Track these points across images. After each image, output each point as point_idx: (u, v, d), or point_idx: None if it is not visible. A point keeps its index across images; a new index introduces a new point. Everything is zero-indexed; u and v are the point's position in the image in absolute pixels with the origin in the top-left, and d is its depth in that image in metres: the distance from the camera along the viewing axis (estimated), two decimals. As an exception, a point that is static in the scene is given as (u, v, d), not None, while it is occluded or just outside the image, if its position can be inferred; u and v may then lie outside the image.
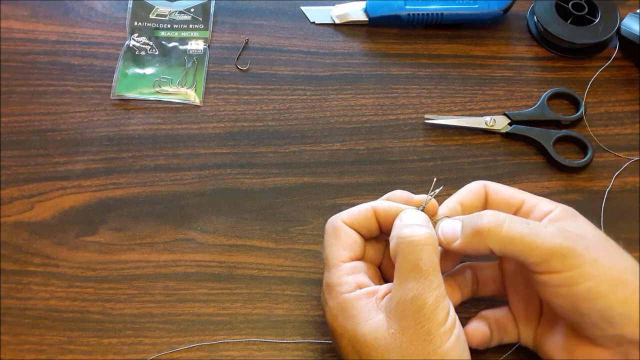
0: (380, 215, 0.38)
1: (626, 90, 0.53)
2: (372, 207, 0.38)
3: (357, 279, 0.36)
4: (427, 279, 0.33)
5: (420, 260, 0.33)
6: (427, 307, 0.32)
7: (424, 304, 0.32)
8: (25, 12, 0.55)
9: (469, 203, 0.39)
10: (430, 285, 0.33)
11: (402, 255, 0.34)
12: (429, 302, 0.32)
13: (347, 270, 0.36)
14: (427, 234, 0.35)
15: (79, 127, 0.50)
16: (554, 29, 0.53)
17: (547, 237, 0.33)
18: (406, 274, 0.33)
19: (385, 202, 0.38)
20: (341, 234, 0.37)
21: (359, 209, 0.38)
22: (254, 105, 0.52)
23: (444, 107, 0.52)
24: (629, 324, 0.32)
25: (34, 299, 0.43)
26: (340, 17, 0.56)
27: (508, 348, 0.41)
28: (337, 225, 0.38)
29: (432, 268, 0.33)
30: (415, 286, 0.33)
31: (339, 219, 0.38)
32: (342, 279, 0.36)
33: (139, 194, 0.47)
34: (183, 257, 0.45)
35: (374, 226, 0.38)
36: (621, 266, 0.34)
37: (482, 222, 0.34)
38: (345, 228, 0.37)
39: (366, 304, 0.35)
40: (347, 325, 0.34)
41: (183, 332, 0.42)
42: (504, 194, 0.39)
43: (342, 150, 0.50)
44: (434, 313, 0.32)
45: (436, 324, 0.32)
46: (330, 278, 0.36)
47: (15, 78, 0.52)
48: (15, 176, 0.48)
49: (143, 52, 0.54)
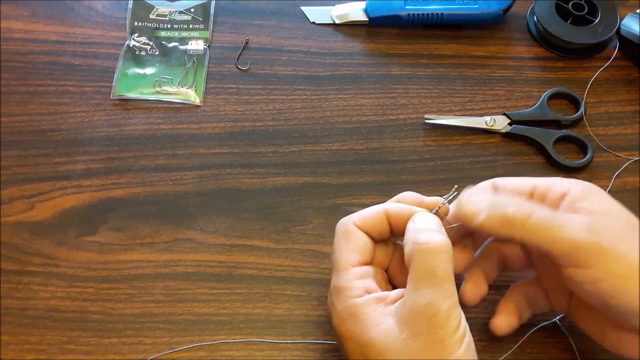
0: (392, 218, 0.37)
1: (626, 90, 0.53)
2: (384, 209, 0.37)
3: (366, 284, 0.36)
4: (442, 287, 0.33)
5: (436, 267, 0.33)
6: (440, 314, 0.32)
7: (437, 311, 0.32)
8: (25, 12, 0.55)
9: None
10: (444, 293, 0.33)
11: (417, 262, 0.34)
12: (443, 309, 0.32)
13: (356, 274, 0.36)
14: (443, 242, 0.34)
15: (79, 127, 0.50)
16: (554, 29, 0.53)
17: (573, 231, 0.33)
18: (420, 280, 0.33)
19: (398, 205, 0.38)
20: (352, 237, 0.37)
21: (370, 211, 0.38)
22: (254, 105, 0.52)
23: (444, 107, 0.52)
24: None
25: (34, 299, 0.43)
26: (340, 17, 0.56)
27: (508, 348, 0.42)
28: (348, 228, 0.37)
29: (447, 276, 0.33)
30: (429, 293, 0.33)
31: (351, 221, 0.37)
32: (351, 283, 0.35)
33: (139, 194, 0.47)
34: (183, 257, 0.45)
35: (385, 229, 0.37)
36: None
37: (509, 211, 0.34)
38: (357, 231, 0.37)
39: (375, 309, 0.34)
40: (355, 329, 0.34)
41: (183, 332, 0.42)
42: (513, 185, 0.38)
43: (342, 150, 0.50)
44: (448, 320, 0.32)
45: (449, 332, 0.32)
46: (339, 282, 0.36)
47: (15, 78, 0.52)
48: (16, 176, 0.48)
49: (143, 52, 0.54)
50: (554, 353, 0.42)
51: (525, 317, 0.40)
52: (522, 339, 0.42)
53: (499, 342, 0.42)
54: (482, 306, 0.43)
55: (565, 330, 0.42)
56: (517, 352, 0.41)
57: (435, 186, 0.48)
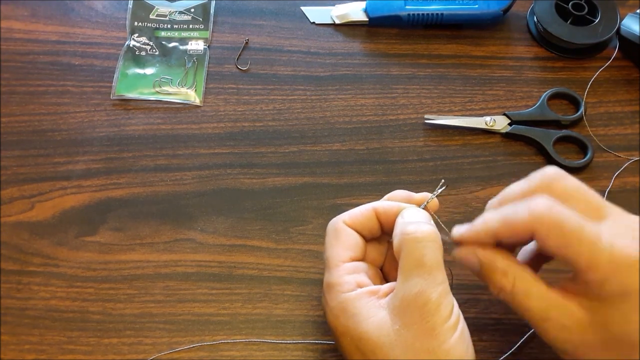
0: (382, 215, 0.38)
1: (626, 90, 0.53)
2: (373, 207, 0.38)
3: (358, 278, 0.36)
4: (431, 275, 0.33)
5: (424, 256, 0.33)
6: (431, 303, 0.32)
7: (428, 300, 0.32)
8: (25, 12, 0.55)
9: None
10: (434, 281, 0.33)
11: (406, 252, 0.34)
12: (433, 297, 0.32)
13: (347, 270, 0.36)
14: (431, 230, 0.35)
15: (79, 127, 0.50)
16: (554, 29, 0.53)
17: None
18: (410, 270, 0.34)
19: (386, 202, 0.38)
20: (342, 234, 0.37)
21: (360, 210, 0.38)
22: (254, 105, 0.52)
23: (444, 107, 0.52)
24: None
25: (34, 299, 0.43)
26: (340, 17, 0.56)
27: (508, 348, 0.42)
28: (338, 226, 0.38)
29: (436, 264, 0.33)
30: (419, 282, 0.33)
31: (340, 220, 0.38)
32: (343, 278, 0.36)
33: (139, 194, 0.47)
34: (183, 257, 0.45)
35: (375, 226, 0.38)
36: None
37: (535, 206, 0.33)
38: (346, 229, 0.37)
39: (367, 302, 0.35)
40: (349, 324, 0.34)
41: (183, 332, 0.42)
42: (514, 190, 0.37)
43: (342, 150, 0.50)
44: (439, 308, 0.32)
45: (441, 320, 0.32)
46: (330, 278, 0.36)
47: (15, 78, 0.52)
48: (15, 176, 0.48)
49: (143, 52, 0.54)
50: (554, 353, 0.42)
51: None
52: (522, 339, 0.42)
53: (499, 342, 0.42)
54: (482, 306, 0.43)
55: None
56: (517, 352, 0.41)
57: (435, 186, 0.47)
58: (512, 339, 0.42)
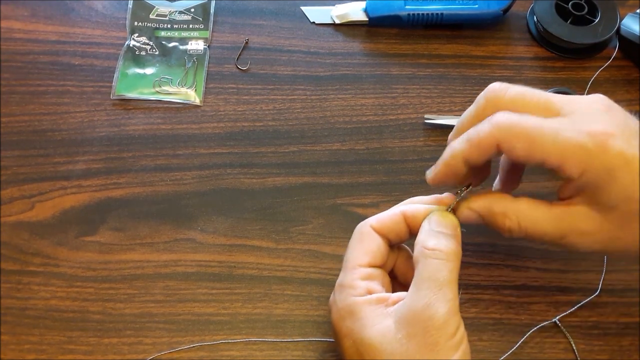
0: (410, 219, 0.37)
1: (626, 90, 0.53)
2: (401, 211, 0.38)
3: (370, 285, 0.36)
4: (442, 290, 0.33)
5: (439, 272, 0.34)
6: (437, 317, 0.32)
7: (434, 314, 0.32)
8: (25, 12, 0.55)
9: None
10: (443, 296, 0.33)
11: (422, 265, 0.34)
12: (440, 312, 0.32)
13: (362, 274, 0.36)
14: (450, 250, 0.35)
15: (79, 127, 0.50)
16: (554, 29, 0.53)
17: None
18: (422, 282, 0.34)
19: (414, 206, 0.38)
20: (366, 238, 0.37)
21: (388, 214, 0.38)
22: (254, 105, 0.52)
23: (444, 107, 0.52)
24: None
25: (34, 299, 0.43)
26: (340, 17, 0.56)
27: (508, 348, 0.42)
28: (364, 230, 0.38)
29: (449, 281, 0.33)
30: (428, 295, 0.33)
31: (368, 224, 0.38)
32: (355, 282, 0.36)
33: (139, 194, 0.47)
34: (183, 257, 0.45)
35: (403, 230, 0.38)
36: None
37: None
38: (372, 233, 0.37)
39: (375, 309, 0.34)
40: (354, 327, 0.34)
41: (183, 332, 0.42)
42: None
43: (342, 150, 0.50)
44: (444, 325, 0.32)
45: (444, 336, 0.32)
46: (344, 279, 0.36)
47: (15, 78, 0.52)
48: (15, 176, 0.48)
49: (143, 52, 0.54)
50: (553, 353, 0.42)
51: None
52: (522, 339, 0.42)
53: (499, 342, 0.42)
54: (482, 306, 0.43)
55: (565, 330, 0.42)
56: (517, 352, 0.41)
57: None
58: (512, 339, 0.42)
